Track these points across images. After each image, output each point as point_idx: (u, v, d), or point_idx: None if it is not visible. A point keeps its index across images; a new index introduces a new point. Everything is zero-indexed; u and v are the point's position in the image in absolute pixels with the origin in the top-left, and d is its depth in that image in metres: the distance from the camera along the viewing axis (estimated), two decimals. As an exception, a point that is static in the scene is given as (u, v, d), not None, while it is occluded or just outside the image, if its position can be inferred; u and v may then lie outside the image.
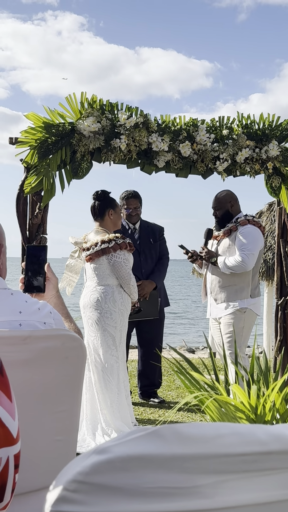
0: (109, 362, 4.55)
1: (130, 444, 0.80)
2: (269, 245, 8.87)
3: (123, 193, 5.74)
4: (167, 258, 5.91)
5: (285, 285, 5.76)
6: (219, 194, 5.11)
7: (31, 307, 1.87)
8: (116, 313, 4.57)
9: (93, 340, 4.60)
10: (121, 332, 4.62)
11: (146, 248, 5.73)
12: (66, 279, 5.01)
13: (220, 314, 4.97)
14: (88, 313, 4.63)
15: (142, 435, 0.81)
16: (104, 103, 4.82)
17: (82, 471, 0.79)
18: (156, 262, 5.81)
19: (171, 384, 6.50)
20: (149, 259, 5.73)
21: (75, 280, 5.01)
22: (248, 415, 2.87)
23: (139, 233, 5.78)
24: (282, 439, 0.86)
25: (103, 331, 4.56)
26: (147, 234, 5.79)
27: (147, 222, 5.90)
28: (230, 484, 0.83)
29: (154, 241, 5.80)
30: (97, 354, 4.57)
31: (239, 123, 5.24)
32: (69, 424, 1.96)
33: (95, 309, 4.57)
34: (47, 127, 4.62)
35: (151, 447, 0.80)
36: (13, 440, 1.27)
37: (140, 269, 5.63)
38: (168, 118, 5.05)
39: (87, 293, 4.67)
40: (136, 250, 5.61)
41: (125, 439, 0.81)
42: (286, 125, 5.31)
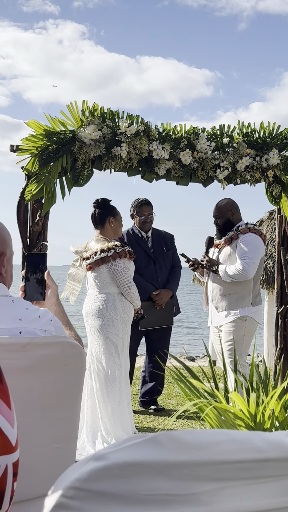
0: (112, 370, 4.54)
1: (127, 451, 0.80)
2: (270, 253, 8.87)
3: (135, 201, 5.75)
4: (179, 267, 5.92)
5: (285, 293, 5.76)
6: (220, 203, 5.12)
7: (31, 314, 1.87)
8: (118, 320, 4.57)
9: (96, 348, 4.59)
10: (123, 339, 4.62)
11: (160, 257, 5.74)
12: (69, 288, 5.01)
13: (221, 322, 4.96)
14: (90, 321, 4.63)
15: (139, 442, 0.81)
16: (105, 111, 4.84)
17: (79, 478, 0.79)
18: (169, 270, 5.82)
19: (171, 392, 6.49)
20: (164, 268, 5.74)
21: (78, 288, 5.02)
22: (247, 422, 2.86)
23: (152, 241, 5.78)
24: (280, 446, 0.86)
25: (105, 339, 4.55)
26: (159, 243, 5.79)
27: (158, 230, 5.91)
28: (227, 491, 0.83)
29: (167, 249, 5.81)
30: (100, 362, 4.56)
31: (239, 131, 5.26)
32: (68, 431, 1.96)
33: (97, 317, 4.57)
34: (48, 134, 4.64)
35: (149, 453, 0.80)
36: (11, 448, 1.27)
37: (156, 278, 5.64)
38: (169, 126, 5.07)
39: (89, 302, 4.67)
40: (151, 259, 5.64)
41: (122, 445, 0.81)
42: (286, 133, 5.32)
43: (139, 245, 5.62)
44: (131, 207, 5.73)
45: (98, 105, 4.81)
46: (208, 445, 0.83)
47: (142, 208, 5.68)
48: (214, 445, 0.83)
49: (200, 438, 0.84)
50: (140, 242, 5.66)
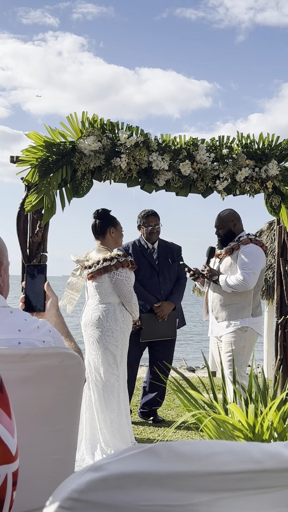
0: (110, 381, 4.53)
1: (125, 462, 0.80)
2: (269, 264, 8.87)
3: (142, 212, 5.76)
4: (185, 279, 5.90)
5: (285, 304, 5.76)
6: (222, 213, 5.13)
7: (30, 325, 1.87)
8: (117, 331, 4.57)
9: (94, 358, 4.58)
10: (122, 350, 4.61)
11: (164, 268, 5.73)
12: (67, 297, 5.01)
13: (221, 332, 4.96)
14: (89, 331, 4.62)
15: (137, 453, 0.81)
16: (105, 122, 4.86)
17: (77, 489, 0.79)
18: (174, 282, 5.81)
19: (171, 403, 6.47)
20: (168, 280, 5.73)
21: (76, 298, 5.01)
22: (246, 434, 2.86)
23: (157, 253, 5.78)
24: (277, 457, 0.86)
25: (104, 349, 4.54)
26: (165, 254, 5.79)
27: (165, 242, 5.90)
28: (225, 502, 0.83)
29: (172, 261, 5.80)
30: (98, 373, 4.55)
31: (238, 142, 5.28)
32: (67, 442, 1.96)
33: (97, 327, 4.57)
34: (48, 146, 4.66)
35: (146, 464, 0.80)
36: (12, 458, 1.27)
37: (159, 290, 5.63)
38: (168, 137, 5.09)
39: (89, 311, 4.66)
40: (155, 270, 5.63)
41: (120, 456, 0.81)
42: (285, 144, 5.34)
43: (144, 256, 5.63)
44: (138, 218, 5.74)
45: (98, 116, 4.84)
46: (205, 456, 0.83)
47: (149, 218, 5.70)
48: (212, 456, 0.83)
49: (197, 449, 0.84)
50: (145, 253, 5.67)
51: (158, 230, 5.75)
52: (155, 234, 5.74)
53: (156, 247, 5.78)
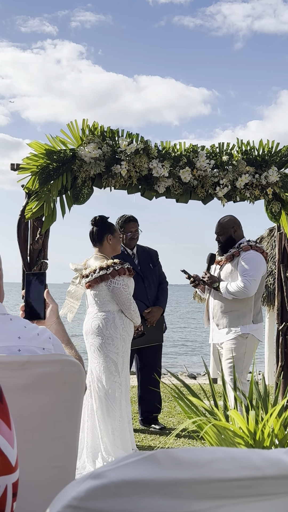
0: (112, 389, 4.52)
1: (125, 469, 0.80)
2: (270, 270, 8.87)
3: (121, 218, 5.72)
4: (166, 282, 5.92)
5: (286, 311, 5.75)
6: (222, 220, 5.13)
7: (30, 332, 1.87)
8: (118, 339, 4.56)
9: (96, 366, 4.58)
10: (123, 358, 4.60)
11: (147, 273, 5.73)
12: (67, 306, 5.00)
13: (222, 339, 4.95)
14: (90, 339, 4.62)
15: (137, 460, 0.80)
16: (105, 129, 4.87)
17: (77, 496, 0.79)
18: (157, 287, 5.81)
19: (172, 411, 6.45)
20: (152, 285, 5.74)
21: (76, 306, 5.01)
22: (247, 440, 2.85)
23: (138, 258, 5.77)
24: (278, 464, 0.86)
25: (105, 357, 4.54)
26: (145, 259, 5.79)
27: (142, 247, 5.90)
28: (225, 509, 0.83)
29: (153, 266, 5.80)
30: (100, 381, 4.54)
31: (238, 149, 5.29)
32: (67, 450, 1.95)
33: (97, 336, 4.56)
34: (48, 153, 4.67)
35: (146, 471, 0.80)
36: (11, 469, 1.26)
37: (147, 296, 5.62)
38: (168, 144, 5.10)
39: (89, 320, 4.66)
40: (139, 276, 5.61)
41: (120, 463, 0.81)
42: (285, 151, 5.35)
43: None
44: (117, 224, 5.68)
45: (98, 124, 4.85)
46: (206, 463, 0.83)
47: (130, 224, 5.68)
48: (212, 463, 0.83)
49: (198, 456, 0.83)
50: (127, 259, 5.61)
51: (138, 236, 5.74)
52: (134, 240, 5.73)
53: (135, 253, 5.77)
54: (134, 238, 5.72)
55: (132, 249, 5.76)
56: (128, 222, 5.68)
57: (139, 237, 5.79)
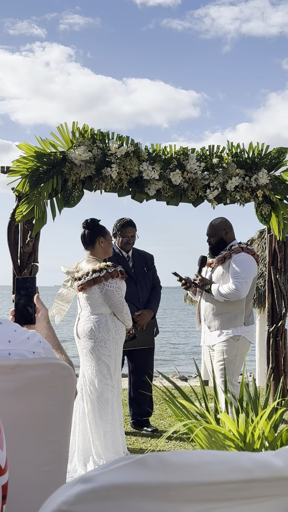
0: (104, 391, 4.52)
1: (115, 473, 0.80)
2: (260, 273, 8.89)
3: (119, 221, 5.71)
4: (160, 287, 5.92)
5: (276, 312, 5.77)
6: (213, 221, 5.13)
7: (20, 336, 1.86)
8: (110, 341, 4.55)
9: (88, 369, 4.57)
10: (115, 360, 4.60)
11: (140, 277, 5.72)
12: (56, 308, 4.98)
13: (213, 341, 4.96)
14: (83, 342, 4.61)
15: (126, 464, 0.80)
16: (95, 132, 4.88)
17: (66, 501, 0.79)
18: (150, 290, 5.81)
19: (164, 413, 6.45)
20: (145, 288, 5.73)
21: (66, 309, 4.99)
22: (237, 443, 2.85)
23: (133, 261, 5.77)
24: (267, 466, 0.86)
25: (98, 360, 4.53)
26: (140, 262, 5.78)
27: (138, 250, 5.90)
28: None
29: (147, 269, 5.80)
30: (92, 384, 4.53)
31: (228, 151, 5.31)
32: (58, 454, 1.95)
33: (89, 338, 4.56)
34: (38, 156, 4.66)
35: (136, 475, 0.80)
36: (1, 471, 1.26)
37: (138, 299, 5.62)
38: (159, 147, 5.11)
39: (81, 323, 4.65)
40: (132, 279, 5.61)
41: (110, 467, 0.81)
42: (275, 153, 5.38)
43: (119, 265, 5.61)
44: (114, 227, 5.68)
45: (88, 127, 4.85)
46: (195, 466, 0.83)
47: (127, 229, 5.66)
48: (202, 466, 0.83)
49: (187, 459, 0.83)
50: (121, 261, 5.62)
51: (134, 241, 5.73)
52: (130, 245, 5.73)
53: (130, 256, 5.77)
54: (130, 243, 5.71)
55: (127, 251, 5.75)
56: (126, 227, 5.66)
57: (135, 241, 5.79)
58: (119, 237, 5.66)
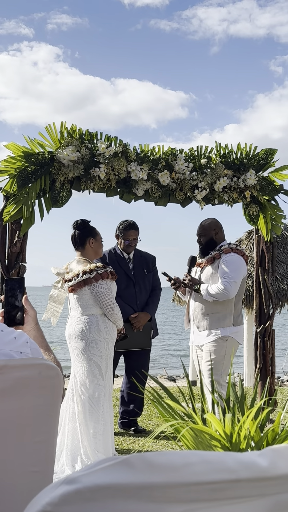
0: (96, 392, 4.51)
1: (99, 474, 0.80)
2: (248, 273, 8.92)
3: (122, 223, 5.70)
4: (159, 289, 5.91)
5: (264, 313, 5.79)
6: (204, 222, 5.14)
7: (6, 336, 1.86)
8: (101, 342, 4.55)
9: (79, 370, 4.57)
10: (107, 361, 4.60)
11: (140, 279, 5.72)
12: (50, 310, 4.97)
13: (202, 341, 4.96)
14: (74, 343, 4.60)
15: (111, 464, 0.81)
16: (83, 132, 4.87)
17: (51, 502, 0.79)
18: (149, 293, 5.81)
19: (152, 414, 6.46)
20: (143, 290, 5.72)
21: (59, 310, 4.98)
22: (223, 443, 2.86)
23: (133, 263, 5.77)
24: (252, 467, 0.86)
25: (89, 360, 4.53)
26: (140, 264, 5.78)
27: (140, 252, 5.89)
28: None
29: (147, 272, 5.79)
30: (83, 385, 4.53)
31: (217, 152, 5.32)
32: (45, 455, 1.94)
33: (80, 339, 4.55)
34: (26, 156, 4.65)
35: (120, 476, 0.80)
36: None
37: (135, 300, 5.62)
38: (147, 147, 5.11)
39: (72, 324, 4.64)
40: (131, 280, 5.62)
41: (94, 468, 0.81)
42: (263, 154, 5.40)
43: (120, 266, 5.61)
44: (117, 228, 5.70)
45: (77, 127, 4.85)
46: (180, 466, 0.83)
47: (130, 232, 5.65)
48: (186, 466, 0.83)
49: (172, 459, 0.84)
50: (121, 263, 5.65)
51: (136, 244, 5.73)
52: (132, 247, 5.73)
53: (131, 257, 5.77)
54: (132, 245, 5.71)
55: (129, 253, 5.75)
56: (128, 230, 5.65)
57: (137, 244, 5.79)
58: (121, 239, 5.67)
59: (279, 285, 9.41)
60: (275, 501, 0.89)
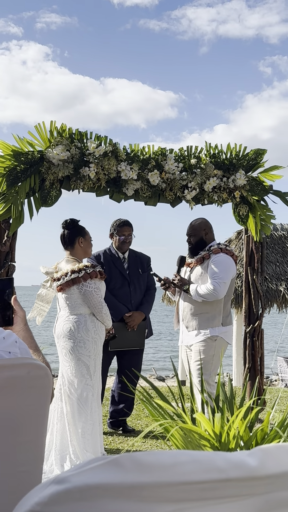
0: (84, 392, 4.50)
1: (88, 473, 0.80)
2: (238, 273, 8.94)
3: (116, 221, 5.73)
4: (154, 289, 5.92)
5: (253, 313, 5.81)
6: (194, 222, 5.14)
7: (-5, 336, 1.85)
8: (89, 342, 4.54)
9: (67, 369, 4.55)
10: (95, 360, 4.59)
11: (135, 278, 5.73)
12: (36, 309, 4.96)
13: (191, 341, 4.97)
14: (62, 342, 4.59)
15: (100, 464, 0.80)
16: (73, 131, 4.86)
17: (40, 502, 0.79)
18: (144, 292, 5.81)
19: (141, 413, 6.46)
20: (138, 290, 5.73)
21: (46, 309, 4.97)
22: (212, 443, 2.86)
23: (128, 262, 5.77)
24: (241, 466, 0.87)
25: (77, 360, 4.52)
26: (135, 264, 5.79)
27: (135, 252, 5.90)
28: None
29: (142, 271, 5.80)
30: (71, 384, 4.52)
31: (206, 152, 5.33)
32: (34, 454, 1.94)
33: (69, 339, 4.54)
34: (16, 155, 4.63)
35: (110, 476, 0.80)
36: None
37: (130, 300, 5.62)
38: (137, 147, 5.11)
39: (60, 323, 4.63)
40: (125, 280, 5.63)
41: (83, 468, 0.80)
42: (252, 155, 5.41)
43: (115, 266, 5.63)
44: (112, 227, 5.72)
45: (66, 126, 4.83)
46: (169, 466, 0.83)
47: (124, 228, 5.68)
48: (176, 466, 0.83)
49: (161, 459, 0.84)
50: (116, 262, 5.67)
51: (130, 240, 5.75)
52: (127, 244, 5.74)
53: (126, 257, 5.78)
54: (127, 242, 5.71)
55: (123, 253, 5.76)
56: (122, 226, 5.68)
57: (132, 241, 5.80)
58: (116, 236, 5.68)
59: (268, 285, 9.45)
60: (264, 501, 0.89)
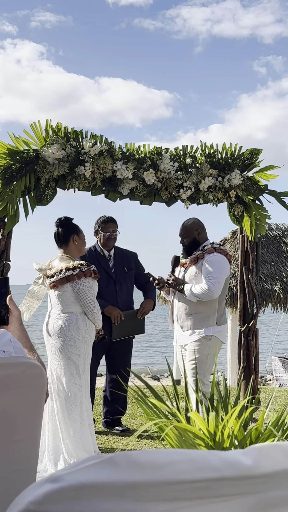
0: (72, 391, 4.50)
1: (83, 472, 0.80)
2: (233, 273, 8.96)
3: (100, 218, 5.73)
4: (150, 283, 5.93)
5: (248, 312, 5.82)
6: (186, 222, 5.14)
7: (-10, 335, 1.85)
8: (80, 341, 4.54)
9: (56, 368, 4.54)
10: (84, 360, 4.58)
11: (121, 277, 5.71)
12: (25, 305, 4.93)
13: (186, 341, 4.97)
14: (52, 340, 4.58)
15: (95, 463, 0.80)
16: (68, 130, 4.85)
17: (34, 500, 0.78)
18: (131, 291, 5.83)
19: (135, 412, 6.46)
20: (124, 288, 5.72)
21: (36, 306, 4.95)
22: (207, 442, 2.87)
23: (114, 260, 5.76)
24: (235, 465, 0.87)
25: (67, 359, 4.51)
26: (121, 262, 5.77)
27: (121, 249, 5.89)
28: (183, 511, 0.83)
29: (128, 269, 5.78)
30: (60, 383, 4.51)
31: (202, 152, 5.33)
32: (28, 453, 1.94)
33: (59, 337, 4.53)
34: (11, 153, 4.62)
35: (104, 474, 0.80)
36: None
37: (116, 299, 5.61)
38: (133, 146, 5.11)
39: (51, 321, 4.62)
40: (111, 278, 5.61)
41: (79, 467, 0.80)
42: (248, 154, 5.41)
43: (100, 264, 5.59)
44: (96, 224, 5.71)
45: (62, 125, 4.83)
46: (164, 465, 0.83)
47: (108, 224, 5.68)
48: (170, 465, 0.83)
49: (156, 458, 0.84)
50: (101, 260, 5.65)
51: (115, 237, 5.74)
52: (112, 241, 5.72)
53: (112, 255, 5.77)
54: (111, 238, 5.70)
55: (109, 250, 5.74)
56: (107, 222, 5.67)
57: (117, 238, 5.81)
58: (100, 233, 5.67)
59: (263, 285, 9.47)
60: (258, 500, 0.89)
